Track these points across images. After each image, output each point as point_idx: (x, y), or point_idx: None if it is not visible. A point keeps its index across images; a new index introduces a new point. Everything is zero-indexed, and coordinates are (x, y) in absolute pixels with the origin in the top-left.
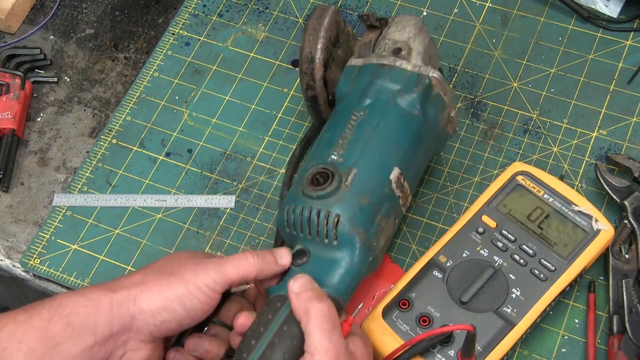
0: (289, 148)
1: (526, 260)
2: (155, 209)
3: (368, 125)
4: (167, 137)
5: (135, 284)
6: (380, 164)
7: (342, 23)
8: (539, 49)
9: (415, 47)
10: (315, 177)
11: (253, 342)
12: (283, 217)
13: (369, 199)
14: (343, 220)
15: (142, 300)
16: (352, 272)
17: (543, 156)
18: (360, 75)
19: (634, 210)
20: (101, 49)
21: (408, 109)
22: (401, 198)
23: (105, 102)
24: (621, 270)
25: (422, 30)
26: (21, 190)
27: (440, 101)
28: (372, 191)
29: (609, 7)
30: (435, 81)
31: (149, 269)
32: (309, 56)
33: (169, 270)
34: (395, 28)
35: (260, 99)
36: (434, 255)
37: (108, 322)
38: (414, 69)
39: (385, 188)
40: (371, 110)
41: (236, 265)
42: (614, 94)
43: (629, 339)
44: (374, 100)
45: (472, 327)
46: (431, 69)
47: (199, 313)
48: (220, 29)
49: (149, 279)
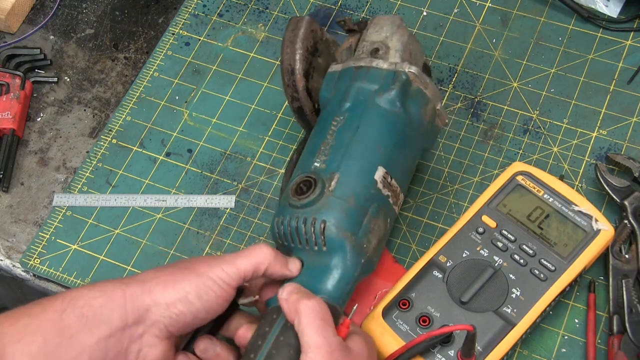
0: (289, 148)
1: (526, 260)
2: (155, 209)
3: (348, 129)
4: (167, 137)
5: (149, 278)
6: (363, 165)
7: (318, 31)
8: (539, 49)
9: (392, 45)
10: (299, 187)
11: (252, 356)
12: (274, 229)
13: (354, 202)
14: (329, 226)
15: (157, 292)
16: (346, 277)
17: (543, 156)
18: (339, 80)
19: (634, 210)
20: (101, 49)
21: (388, 107)
22: (391, 197)
23: (105, 102)
24: (621, 270)
25: (400, 27)
26: (21, 190)
27: (422, 95)
28: (357, 193)
29: (609, 7)
30: (412, 76)
31: (161, 267)
32: (288, 68)
33: (183, 265)
34: (373, 29)
35: (260, 99)
36: (434, 255)
37: (122, 313)
38: (390, 67)
39: (371, 189)
40: (350, 114)
41: (248, 255)
42: (614, 94)
43: (629, 339)
44: (352, 102)
45: (472, 327)
46: (407, 65)
47: (214, 306)
48: (220, 29)
49: (162, 274)
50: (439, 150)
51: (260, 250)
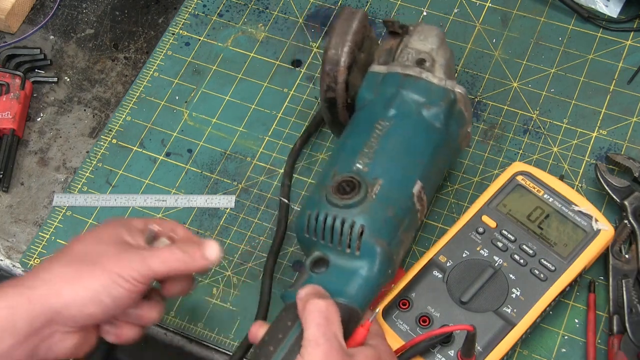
0: (289, 148)
1: (526, 260)
2: (155, 209)
3: (393, 136)
4: (167, 137)
5: (55, 277)
6: (404, 176)
7: (368, 27)
8: (539, 49)
9: (438, 59)
10: (341, 185)
11: (271, 349)
12: (303, 222)
13: (393, 211)
14: (368, 231)
15: (66, 293)
16: (371, 284)
17: (543, 156)
18: (384, 83)
19: (634, 210)
20: (101, 49)
21: (431, 121)
22: (419, 212)
23: (105, 102)
24: (621, 270)
25: (444, 42)
26: (21, 190)
27: (462, 117)
28: (396, 203)
29: (609, 7)
30: (460, 97)
31: (67, 257)
32: (334, 58)
33: (90, 259)
34: (418, 37)
35: (260, 99)
36: (434, 255)
37: (28, 321)
38: (440, 82)
39: (408, 201)
40: (397, 121)
41: (163, 260)
42: (614, 94)
43: (629, 339)
44: (399, 110)
45: (472, 327)
46: (456, 84)
47: (126, 301)
48: (220, 29)
49: (70, 270)
50: None
51: (174, 257)
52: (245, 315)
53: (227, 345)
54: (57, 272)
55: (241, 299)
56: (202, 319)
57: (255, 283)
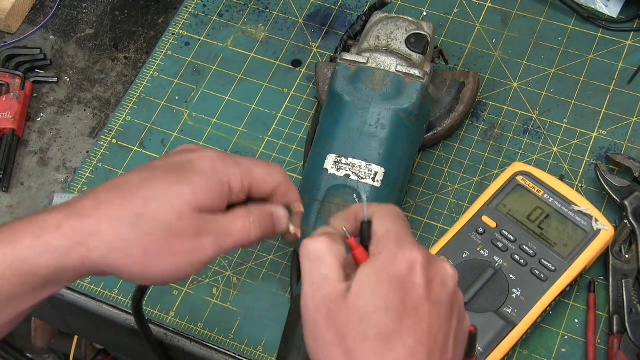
0: (289, 148)
1: (526, 261)
2: None
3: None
4: (167, 137)
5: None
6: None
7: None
8: (539, 49)
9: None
10: None
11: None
12: None
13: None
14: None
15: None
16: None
17: (543, 156)
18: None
19: (634, 210)
20: (101, 49)
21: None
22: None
23: (105, 102)
24: (621, 270)
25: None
26: (21, 190)
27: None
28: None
29: (609, 7)
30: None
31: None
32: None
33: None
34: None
35: (260, 99)
36: None
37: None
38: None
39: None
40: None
41: (236, 241)
42: (614, 94)
43: (629, 339)
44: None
45: (474, 327)
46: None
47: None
48: (220, 29)
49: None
50: (439, 150)
51: (248, 236)
52: (245, 315)
53: (227, 345)
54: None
55: (241, 299)
56: (202, 319)
57: (256, 283)
